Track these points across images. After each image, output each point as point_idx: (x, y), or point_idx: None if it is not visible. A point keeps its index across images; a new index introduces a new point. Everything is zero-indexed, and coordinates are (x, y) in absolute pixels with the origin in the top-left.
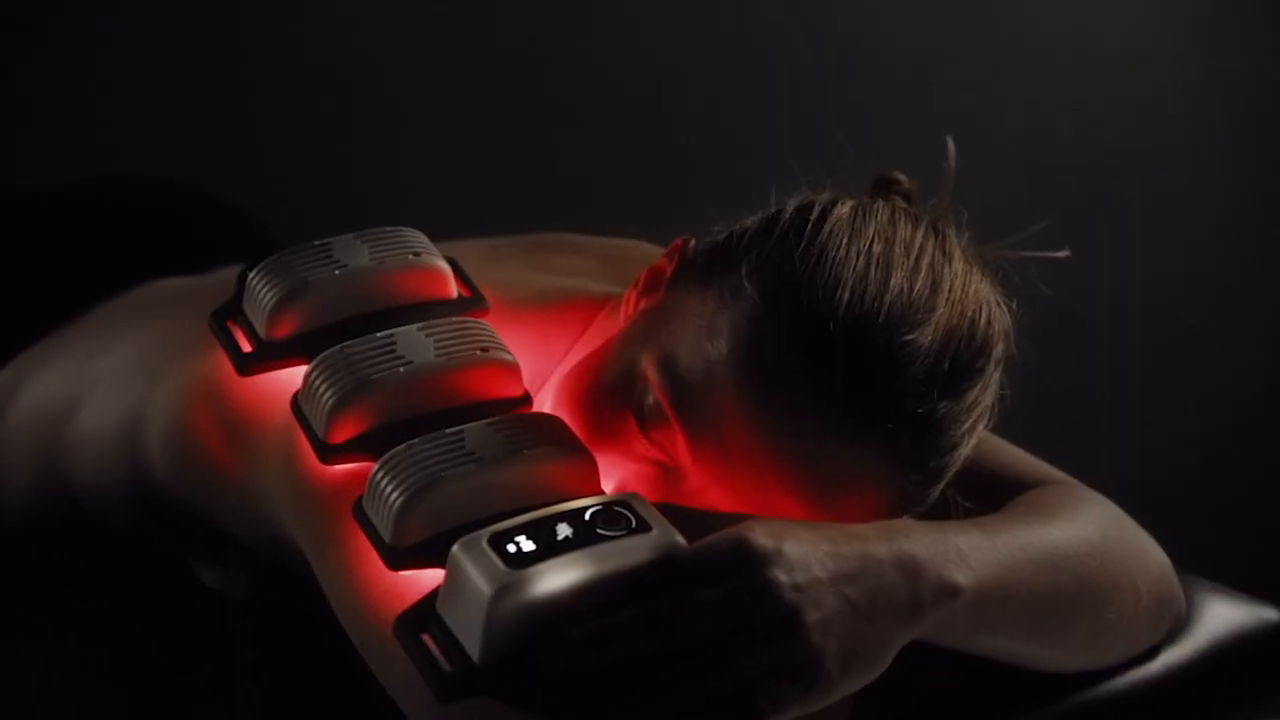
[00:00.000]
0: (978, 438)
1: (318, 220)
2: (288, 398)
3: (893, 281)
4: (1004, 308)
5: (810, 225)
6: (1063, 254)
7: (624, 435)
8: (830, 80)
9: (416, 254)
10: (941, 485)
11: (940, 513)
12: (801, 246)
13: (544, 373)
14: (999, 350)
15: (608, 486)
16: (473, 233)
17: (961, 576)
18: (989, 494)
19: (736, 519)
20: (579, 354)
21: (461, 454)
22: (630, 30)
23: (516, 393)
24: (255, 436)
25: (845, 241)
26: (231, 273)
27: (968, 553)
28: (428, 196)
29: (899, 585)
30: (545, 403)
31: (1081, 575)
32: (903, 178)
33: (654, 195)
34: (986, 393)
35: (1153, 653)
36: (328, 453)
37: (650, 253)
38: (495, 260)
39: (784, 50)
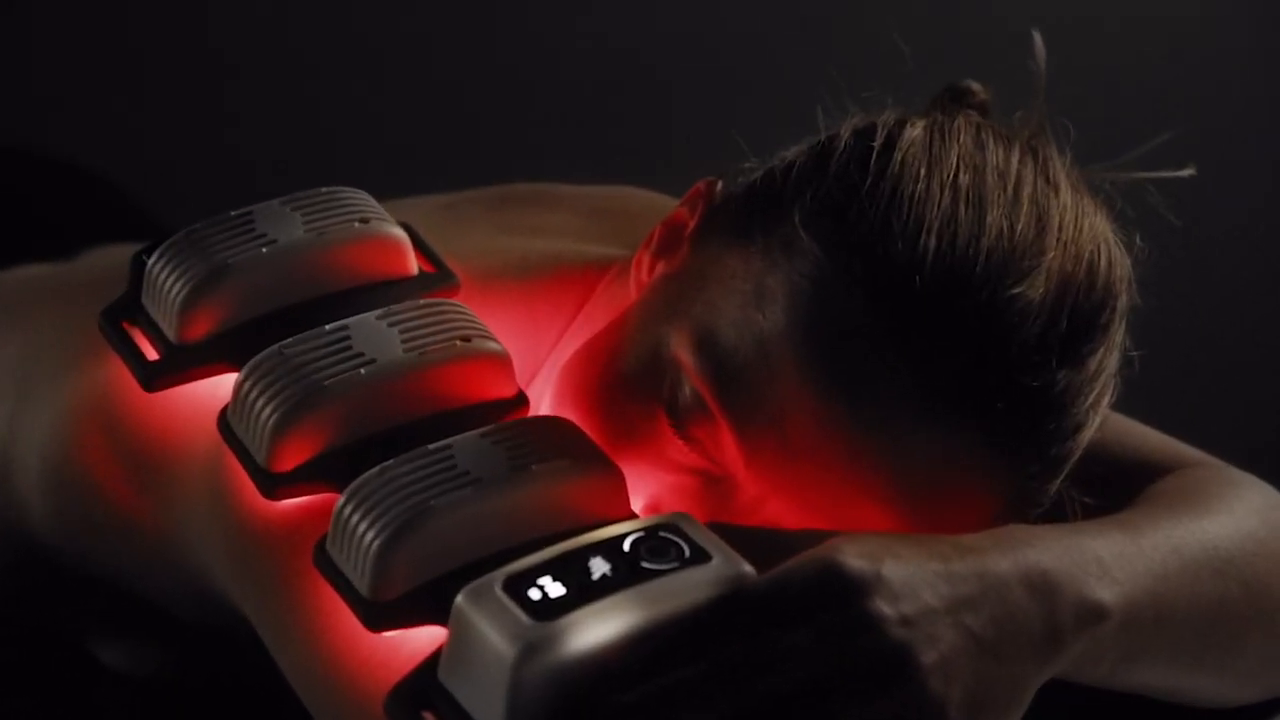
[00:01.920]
0: (1102, 414)
1: (206, 190)
2: (212, 416)
3: (989, 220)
4: (1122, 247)
5: (876, 154)
6: (1187, 173)
7: (653, 438)
8: None
9: (364, 220)
10: (1063, 478)
11: (1054, 513)
12: (869, 182)
13: (534, 363)
14: (1123, 301)
15: (635, 506)
16: (398, 193)
17: (1106, 593)
18: (1113, 484)
19: (814, 537)
20: (579, 337)
21: (453, 475)
22: None
23: (509, 391)
24: (170, 470)
25: (923, 172)
26: (109, 257)
27: (1110, 562)
28: (331, 154)
29: (1031, 609)
30: (542, 402)
31: (1249, 580)
32: (977, 86)
33: (635, 125)
34: (1111, 356)
35: None
36: (274, 484)
37: (652, 202)
38: (455, 223)
39: None
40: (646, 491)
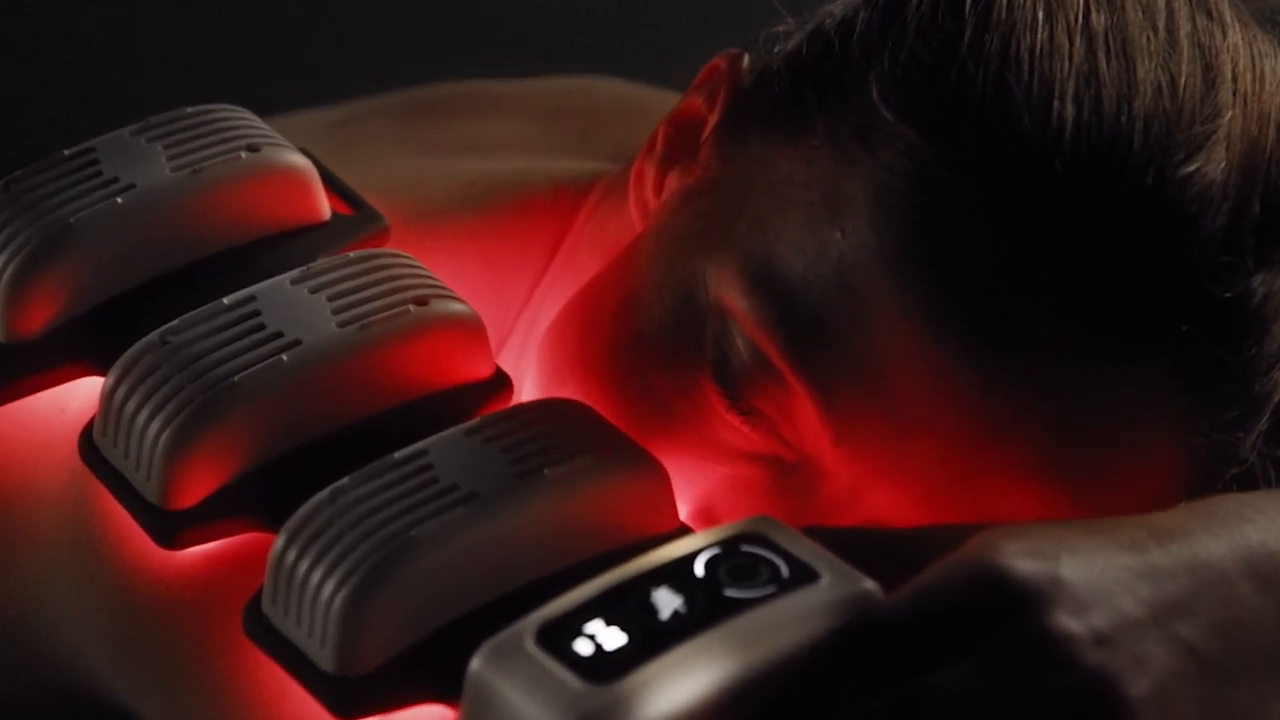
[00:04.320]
0: None
1: None
2: (70, 440)
3: (1141, 74)
4: None
5: None
6: None
7: (696, 418)
8: None
9: (253, 148)
10: (1264, 423)
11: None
12: (969, 35)
13: (500, 328)
14: None
15: (680, 514)
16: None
17: None
18: None
19: (949, 535)
20: (563, 287)
21: (436, 492)
22: None
23: (485, 370)
24: (6, 521)
25: (1041, 15)
26: None
27: None
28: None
29: (1262, 609)
30: (522, 380)
31: None
32: None
33: None
34: None
35: None
36: (173, 527)
37: (626, 95)
38: (358, 144)
39: None
40: (692, 492)
